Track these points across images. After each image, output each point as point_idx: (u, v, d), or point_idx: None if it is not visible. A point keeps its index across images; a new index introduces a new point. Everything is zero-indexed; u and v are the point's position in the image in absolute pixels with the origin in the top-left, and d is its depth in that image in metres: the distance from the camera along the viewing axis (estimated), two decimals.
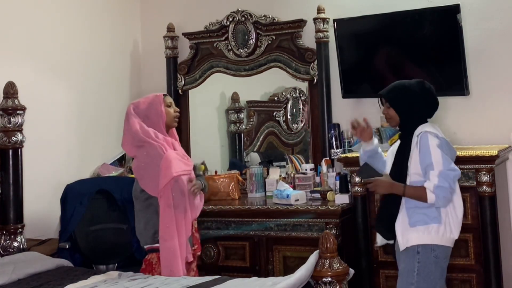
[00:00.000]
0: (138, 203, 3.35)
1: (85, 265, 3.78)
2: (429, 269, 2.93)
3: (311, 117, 4.45)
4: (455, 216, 2.97)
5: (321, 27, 4.33)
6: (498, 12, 3.98)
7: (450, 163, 2.93)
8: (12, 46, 3.98)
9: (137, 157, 3.35)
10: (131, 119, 3.34)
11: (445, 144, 2.98)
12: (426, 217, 2.94)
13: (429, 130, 2.98)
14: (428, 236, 2.93)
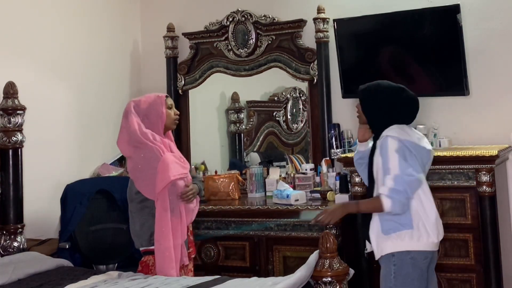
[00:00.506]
0: (133, 204, 3.31)
1: (85, 265, 3.78)
2: (405, 271, 2.87)
3: (311, 117, 4.45)
4: (428, 219, 2.88)
5: (321, 27, 4.33)
6: (498, 12, 3.98)
7: (407, 168, 2.83)
8: (12, 46, 3.98)
9: (132, 158, 3.29)
10: (130, 117, 3.28)
11: (410, 145, 2.88)
12: (398, 224, 2.87)
13: (390, 134, 2.90)
14: (401, 243, 2.87)
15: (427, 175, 3.58)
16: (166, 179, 3.18)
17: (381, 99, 3.01)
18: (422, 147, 2.94)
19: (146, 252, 3.29)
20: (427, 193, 2.93)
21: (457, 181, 3.59)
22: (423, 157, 2.94)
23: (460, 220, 3.59)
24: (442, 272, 3.61)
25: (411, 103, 3.02)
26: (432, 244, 2.90)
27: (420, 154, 2.92)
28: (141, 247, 3.30)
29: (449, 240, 3.60)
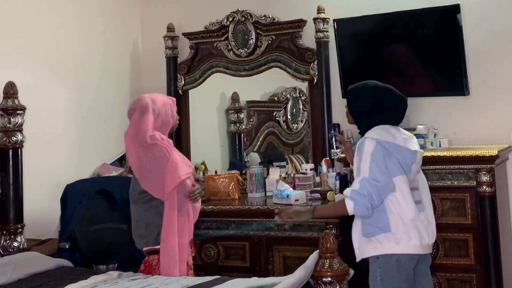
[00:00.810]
0: (137, 205, 3.30)
1: (85, 265, 3.79)
2: (391, 274, 2.86)
3: (311, 117, 4.45)
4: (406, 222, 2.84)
5: (321, 27, 4.33)
6: (498, 12, 3.98)
7: (376, 174, 2.80)
8: (12, 46, 3.98)
9: (139, 157, 3.25)
10: (146, 115, 3.25)
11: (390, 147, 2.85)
12: (376, 228, 2.87)
13: (369, 136, 2.89)
14: (381, 246, 2.86)
15: (426, 175, 3.61)
16: (177, 178, 3.19)
17: (366, 99, 3.00)
18: (404, 149, 2.90)
19: (150, 251, 3.28)
20: (407, 195, 2.87)
21: (457, 181, 3.59)
22: (405, 158, 2.89)
23: (460, 220, 3.59)
24: (442, 272, 3.61)
25: (397, 103, 2.99)
26: (415, 247, 2.86)
27: (401, 156, 2.88)
28: (146, 247, 3.28)
29: (449, 240, 3.61)
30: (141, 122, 3.24)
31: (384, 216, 2.85)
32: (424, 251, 2.90)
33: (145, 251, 3.31)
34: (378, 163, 2.83)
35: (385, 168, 2.84)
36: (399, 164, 2.88)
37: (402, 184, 2.87)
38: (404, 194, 2.86)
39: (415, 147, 2.97)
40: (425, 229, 2.90)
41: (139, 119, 3.25)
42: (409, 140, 2.98)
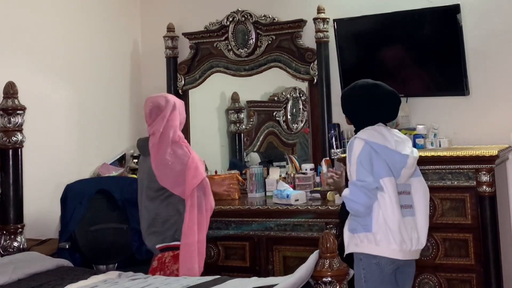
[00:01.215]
0: (155, 202, 3.33)
1: (85, 265, 3.79)
2: (373, 276, 2.88)
3: (311, 117, 4.45)
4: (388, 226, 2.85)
5: (321, 27, 4.33)
6: (498, 12, 3.98)
7: (362, 174, 2.84)
8: (12, 46, 3.98)
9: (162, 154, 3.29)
10: (176, 112, 3.37)
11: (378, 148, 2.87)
12: (360, 225, 2.91)
13: (359, 136, 2.92)
14: (361, 245, 2.91)
15: (426, 175, 3.61)
16: (200, 176, 3.28)
17: (356, 97, 3.03)
18: (393, 151, 2.89)
19: (165, 248, 3.31)
20: (392, 198, 2.86)
21: (457, 181, 3.59)
22: (394, 161, 2.89)
23: (460, 220, 3.59)
24: (442, 272, 3.62)
25: (386, 99, 3.00)
26: (394, 252, 2.86)
27: (390, 158, 2.88)
28: (161, 244, 3.31)
29: (449, 240, 3.60)
30: (172, 119, 3.34)
31: (370, 215, 2.87)
32: (405, 257, 2.89)
33: (159, 248, 3.32)
34: (364, 165, 2.86)
35: (371, 168, 2.86)
36: (387, 166, 2.88)
37: (389, 186, 2.87)
38: (390, 197, 2.86)
39: (407, 151, 2.94)
40: (408, 235, 2.89)
41: (171, 115, 3.35)
42: (402, 143, 2.96)
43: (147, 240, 3.38)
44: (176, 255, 3.30)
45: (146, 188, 3.37)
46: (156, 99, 3.42)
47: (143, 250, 3.93)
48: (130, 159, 4.76)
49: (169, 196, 3.30)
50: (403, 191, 2.95)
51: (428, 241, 3.62)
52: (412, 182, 3.00)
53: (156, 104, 3.38)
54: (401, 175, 2.92)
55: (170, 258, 3.29)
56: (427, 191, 3.06)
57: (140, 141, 3.53)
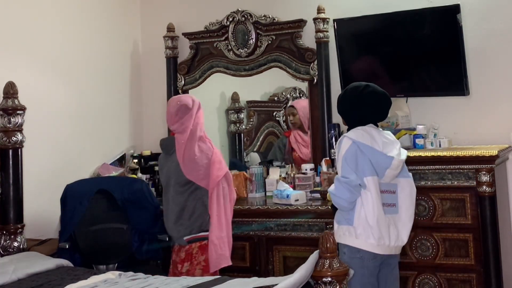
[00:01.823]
0: (182, 195, 3.55)
1: (85, 265, 3.78)
2: (356, 269, 2.94)
3: (311, 117, 4.45)
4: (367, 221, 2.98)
5: (321, 27, 4.33)
6: (498, 12, 3.98)
7: (346, 172, 2.98)
8: (12, 46, 3.98)
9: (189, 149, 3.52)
10: (201, 110, 3.66)
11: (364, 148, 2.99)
12: (343, 218, 3.07)
13: (348, 135, 3.06)
14: (342, 236, 3.06)
15: (426, 175, 3.61)
16: (224, 168, 3.57)
17: (347, 98, 3.16)
18: (379, 152, 3.01)
19: (192, 240, 3.51)
20: (374, 196, 2.99)
21: (457, 181, 3.59)
22: (379, 162, 3.01)
23: (460, 220, 3.59)
24: (442, 272, 3.62)
25: (375, 98, 3.10)
26: (372, 246, 2.99)
27: (374, 158, 3.00)
28: (189, 235, 3.51)
29: (449, 240, 3.61)
30: (198, 117, 3.62)
31: (353, 209, 3.01)
32: (384, 251, 3.01)
33: (187, 240, 3.51)
34: (349, 163, 3.00)
35: (355, 166, 2.99)
36: (372, 165, 3.00)
37: (372, 184, 2.99)
38: (372, 195, 2.99)
39: (394, 153, 3.05)
40: (387, 232, 3.02)
41: (198, 114, 3.63)
42: (390, 144, 3.07)
43: (175, 231, 3.57)
44: (203, 245, 3.51)
45: (174, 183, 3.56)
46: (184, 99, 3.68)
47: (143, 250, 3.94)
48: (130, 159, 4.76)
49: (195, 189, 3.52)
50: (387, 190, 3.07)
51: (428, 241, 3.63)
52: (398, 182, 3.11)
53: (184, 103, 3.62)
54: (385, 175, 3.03)
55: (197, 250, 3.50)
56: (413, 191, 3.16)
57: (165, 141, 3.77)
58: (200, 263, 3.50)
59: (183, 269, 3.52)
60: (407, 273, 3.69)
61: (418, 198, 3.64)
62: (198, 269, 3.49)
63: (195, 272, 3.48)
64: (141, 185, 4.08)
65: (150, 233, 3.96)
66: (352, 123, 3.12)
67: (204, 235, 3.52)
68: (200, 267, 3.50)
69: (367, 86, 3.12)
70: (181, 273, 3.50)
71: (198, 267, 3.50)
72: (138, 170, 4.60)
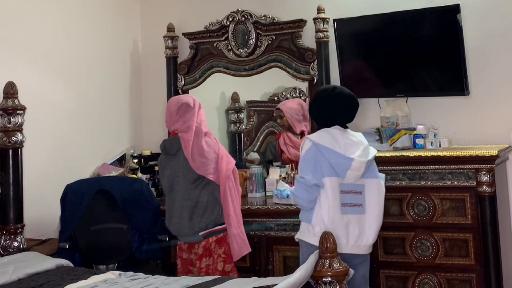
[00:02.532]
0: (194, 191, 3.58)
1: (85, 265, 3.78)
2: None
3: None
4: (323, 222, 3.08)
5: (321, 27, 4.33)
6: (498, 12, 3.98)
7: (303, 172, 3.11)
8: (12, 46, 3.98)
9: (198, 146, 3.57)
10: (202, 109, 3.73)
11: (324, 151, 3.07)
12: (303, 216, 3.19)
13: (309, 136, 3.16)
14: (301, 233, 3.18)
15: (426, 175, 3.61)
16: (232, 161, 3.68)
17: (314, 100, 3.25)
18: (338, 154, 3.08)
19: (207, 234, 3.56)
20: (330, 196, 3.07)
21: (457, 181, 3.59)
22: (338, 163, 3.08)
23: (460, 220, 3.59)
24: (442, 272, 3.62)
25: (341, 100, 3.17)
26: None
27: (333, 160, 3.08)
28: (205, 230, 3.55)
29: (449, 240, 3.61)
30: (200, 115, 3.68)
31: (313, 208, 3.10)
32: (340, 250, 2.99)
33: (203, 235, 3.55)
34: (306, 163, 3.12)
35: (313, 167, 3.10)
36: (330, 166, 3.08)
37: (329, 185, 3.09)
38: (328, 195, 3.07)
39: (356, 154, 3.10)
40: (345, 231, 3.09)
41: (199, 112, 3.69)
42: (354, 146, 3.13)
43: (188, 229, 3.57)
44: (219, 239, 3.58)
45: (183, 181, 3.60)
46: (184, 98, 3.76)
47: (143, 250, 3.94)
48: (130, 159, 4.76)
49: (206, 184, 3.58)
50: (353, 191, 3.14)
51: (428, 241, 3.63)
52: (366, 182, 3.16)
53: (185, 102, 3.68)
54: (347, 176, 3.10)
55: (215, 244, 3.57)
56: (382, 191, 3.21)
57: (168, 141, 3.76)
58: (220, 256, 3.58)
59: (202, 264, 3.55)
60: (407, 273, 3.69)
61: (418, 198, 3.65)
62: (219, 261, 3.57)
63: (217, 265, 3.56)
64: (141, 185, 4.07)
65: (150, 233, 3.96)
66: (320, 125, 3.22)
67: (219, 228, 3.59)
68: (221, 260, 3.58)
69: (334, 89, 3.22)
70: (200, 269, 3.54)
71: (219, 260, 3.57)
72: (138, 170, 4.60)
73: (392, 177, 3.72)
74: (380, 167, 3.71)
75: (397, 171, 3.71)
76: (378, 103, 4.19)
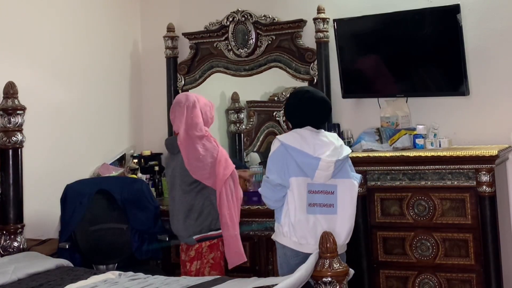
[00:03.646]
0: (189, 194, 3.51)
1: (85, 265, 3.78)
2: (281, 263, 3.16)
3: None
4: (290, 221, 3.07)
5: (321, 27, 4.33)
6: (498, 12, 3.98)
7: (269, 172, 3.11)
8: (12, 46, 3.98)
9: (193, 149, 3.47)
10: (197, 108, 3.54)
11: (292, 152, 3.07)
12: (275, 216, 3.19)
13: (278, 137, 3.16)
14: (275, 234, 3.18)
15: (426, 175, 3.61)
16: (231, 167, 3.52)
17: (287, 103, 3.27)
18: (306, 154, 3.07)
19: (201, 239, 3.49)
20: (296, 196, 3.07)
21: (457, 181, 3.59)
22: (305, 163, 3.07)
23: (460, 220, 3.59)
24: (442, 272, 3.62)
25: (313, 104, 3.18)
26: (295, 244, 3.07)
27: (300, 160, 3.06)
28: (199, 234, 3.48)
29: (449, 240, 3.61)
30: (193, 115, 3.51)
31: (281, 208, 3.12)
32: (308, 250, 3.00)
33: (197, 239, 3.49)
34: (273, 163, 3.12)
35: (279, 167, 3.09)
36: (298, 166, 3.07)
37: (295, 185, 3.07)
38: (294, 195, 3.07)
39: (325, 154, 3.07)
40: (312, 231, 3.06)
41: (191, 113, 3.52)
42: (324, 146, 3.10)
43: (183, 231, 3.53)
44: (212, 244, 3.50)
45: (180, 183, 3.54)
46: (178, 97, 3.66)
47: (143, 250, 3.94)
48: (130, 159, 4.76)
49: (202, 188, 3.49)
50: (322, 191, 3.11)
51: (428, 241, 3.63)
52: (338, 182, 3.13)
53: (177, 101, 3.59)
54: (316, 176, 3.07)
55: (207, 248, 3.49)
56: (354, 192, 3.16)
57: (168, 140, 3.69)
58: (209, 261, 3.51)
59: (192, 267, 3.52)
60: (407, 273, 3.70)
61: (418, 198, 3.66)
62: (207, 267, 3.50)
63: (204, 270, 3.49)
64: (141, 185, 4.08)
65: (150, 233, 3.97)
66: (294, 126, 3.22)
67: (213, 234, 3.51)
68: (209, 265, 3.51)
69: (307, 92, 3.23)
70: (190, 271, 3.50)
71: (207, 265, 3.50)
72: (138, 170, 4.60)
73: (392, 177, 3.72)
74: (380, 167, 3.72)
75: (397, 171, 3.71)
76: (378, 103, 4.19)
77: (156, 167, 4.68)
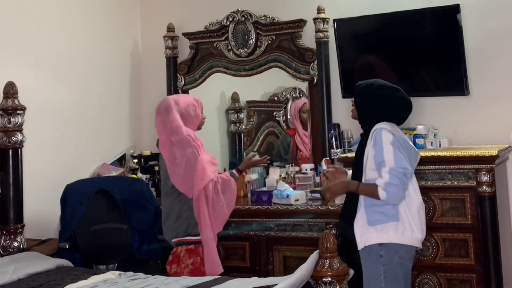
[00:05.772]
0: (169, 198, 3.50)
1: (85, 265, 3.79)
2: (394, 271, 2.91)
3: (311, 117, 4.45)
4: (415, 214, 2.96)
5: (321, 27, 4.33)
6: (498, 12, 3.98)
7: (402, 161, 2.90)
8: (12, 46, 3.98)
9: (171, 153, 3.44)
10: (172, 112, 3.46)
11: (402, 141, 2.98)
12: (384, 216, 2.93)
13: (384, 127, 2.97)
14: (386, 235, 2.92)
15: (426, 175, 3.61)
16: (207, 178, 3.40)
17: (373, 95, 3.09)
18: (411, 146, 3.06)
19: (179, 243, 3.46)
20: (416, 189, 3.01)
21: (457, 181, 3.59)
22: (411, 155, 3.02)
23: (460, 220, 3.59)
24: (442, 272, 3.62)
25: (402, 104, 3.09)
26: (416, 240, 2.96)
27: (409, 152, 3.00)
28: (176, 238, 3.46)
29: (449, 240, 3.61)
30: (169, 119, 3.45)
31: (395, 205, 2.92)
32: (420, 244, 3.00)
33: (174, 242, 3.47)
34: (401, 151, 2.93)
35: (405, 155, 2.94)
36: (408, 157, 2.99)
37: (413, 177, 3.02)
38: (414, 188, 2.99)
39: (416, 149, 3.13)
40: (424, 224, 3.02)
41: (166, 117, 3.46)
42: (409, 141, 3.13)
43: (165, 234, 3.55)
44: (190, 249, 3.45)
45: (163, 185, 3.55)
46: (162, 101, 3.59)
47: (143, 250, 3.94)
48: (130, 159, 4.76)
49: (180, 192, 3.44)
50: None
51: (428, 241, 3.63)
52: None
53: (157, 108, 3.57)
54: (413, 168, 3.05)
55: (184, 253, 3.45)
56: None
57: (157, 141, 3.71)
58: (188, 266, 3.44)
59: (171, 270, 3.48)
60: None
61: None
62: (186, 272, 3.43)
63: (182, 275, 3.40)
64: (141, 185, 4.08)
65: (150, 233, 3.97)
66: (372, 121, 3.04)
67: (190, 239, 3.45)
68: (188, 270, 3.44)
69: (398, 90, 3.10)
70: (170, 274, 3.44)
71: (186, 270, 3.44)
72: (138, 170, 4.60)
73: None
74: None
75: None
76: None
77: (156, 167, 4.68)
